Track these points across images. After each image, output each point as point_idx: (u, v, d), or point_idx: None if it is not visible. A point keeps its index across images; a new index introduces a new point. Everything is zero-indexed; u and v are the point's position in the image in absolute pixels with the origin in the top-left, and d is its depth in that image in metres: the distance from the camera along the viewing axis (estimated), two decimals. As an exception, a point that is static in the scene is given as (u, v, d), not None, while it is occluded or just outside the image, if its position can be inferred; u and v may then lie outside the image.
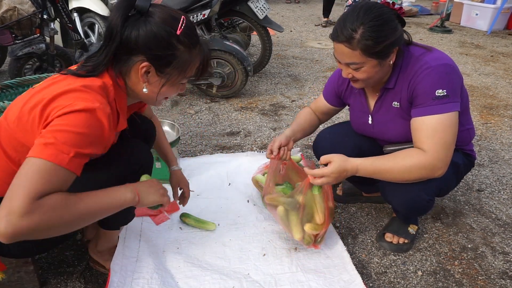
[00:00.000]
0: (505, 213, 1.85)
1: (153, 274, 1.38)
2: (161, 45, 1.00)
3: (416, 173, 1.27)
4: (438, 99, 1.24)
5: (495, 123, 2.80)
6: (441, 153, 1.24)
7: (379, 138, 1.54)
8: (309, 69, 3.87)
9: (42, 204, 0.83)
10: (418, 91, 1.28)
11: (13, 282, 1.28)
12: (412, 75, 1.30)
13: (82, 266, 1.47)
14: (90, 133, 0.92)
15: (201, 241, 1.58)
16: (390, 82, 1.37)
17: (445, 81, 1.25)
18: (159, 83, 1.07)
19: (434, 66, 1.26)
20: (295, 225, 1.46)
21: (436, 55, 1.31)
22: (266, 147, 2.39)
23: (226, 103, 3.00)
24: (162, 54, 1.01)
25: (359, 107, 1.56)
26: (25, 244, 1.08)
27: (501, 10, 5.38)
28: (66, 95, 0.94)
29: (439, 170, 1.26)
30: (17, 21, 2.64)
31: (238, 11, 3.08)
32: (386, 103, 1.43)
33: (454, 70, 1.29)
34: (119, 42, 0.99)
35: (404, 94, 1.35)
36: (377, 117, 1.48)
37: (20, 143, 0.98)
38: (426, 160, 1.25)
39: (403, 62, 1.34)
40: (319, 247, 1.50)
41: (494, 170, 2.20)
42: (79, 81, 0.99)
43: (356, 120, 1.60)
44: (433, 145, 1.24)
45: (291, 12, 6.70)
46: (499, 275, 1.50)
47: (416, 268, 1.52)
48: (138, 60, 1.02)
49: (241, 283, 1.38)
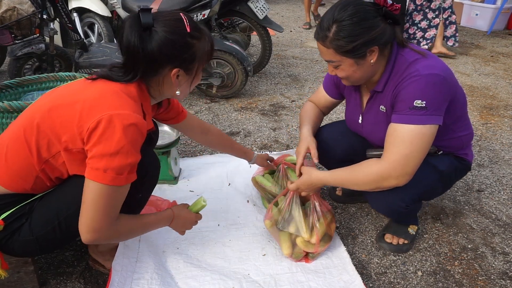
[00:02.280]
0: (505, 213, 1.84)
1: (153, 275, 1.38)
2: (183, 49, 1.07)
3: (373, 182, 1.28)
4: (414, 109, 1.21)
5: (495, 123, 2.80)
6: (398, 163, 1.22)
7: (368, 139, 1.53)
8: (309, 69, 3.87)
9: (113, 228, 1.06)
10: (399, 97, 1.26)
11: (12, 283, 1.28)
12: (400, 80, 1.26)
13: (81, 266, 1.47)
14: (137, 145, 1.04)
15: (201, 241, 1.58)
16: (379, 84, 1.34)
17: (429, 92, 1.21)
18: (189, 81, 1.17)
19: (423, 74, 1.21)
20: (285, 241, 1.47)
21: (430, 63, 1.25)
22: (266, 147, 2.39)
23: (226, 103, 3.00)
24: (186, 55, 1.09)
25: (353, 103, 1.54)
26: (29, 246, 1.10)
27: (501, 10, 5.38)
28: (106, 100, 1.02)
29: (394, 180, 1.25)
30: (17, 21, 2.63)
31: (238, 11, 3.08)
32: (375, 106, 1.41)
33: (444, 81, 1.23)
34: (143, 60, 1.05)
35: (389, 99, 1.32)
36: (367, 118, 1.47)
37: (56, 135, 1.04)
38: (380, 169, 1.25)
39: (394, 66, 1.30)
40: (311, 261, 1.49)
41: (494, 171, 2.20)
42: (114, 86, 1.07)
43: (349, 116, 1.59)
44: (393, 154, 1.23)
45: (291, 12, 6.70)
46: (499, 275, 1.49)
47: (416, 268, 1.52)
48: (166, 69, 1.09)
49: (241, 283, 1.38)
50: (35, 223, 1.11)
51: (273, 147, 2.39)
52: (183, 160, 2.17)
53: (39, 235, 1.11)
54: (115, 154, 0.98)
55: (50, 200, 1.13)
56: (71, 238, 1.19)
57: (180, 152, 2.30)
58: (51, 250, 1.26)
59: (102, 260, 1.44)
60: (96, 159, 0.99)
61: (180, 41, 1.06)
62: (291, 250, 1.47)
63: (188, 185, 1.95)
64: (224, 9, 3.01)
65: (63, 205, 1.12)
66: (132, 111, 1.02)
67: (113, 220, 1.06)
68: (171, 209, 1.29)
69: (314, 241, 1.42)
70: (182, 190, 1.91)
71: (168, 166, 1.89)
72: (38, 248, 1.15)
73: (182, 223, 1.32)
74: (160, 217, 1.25)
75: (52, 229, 1.11)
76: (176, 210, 1.30)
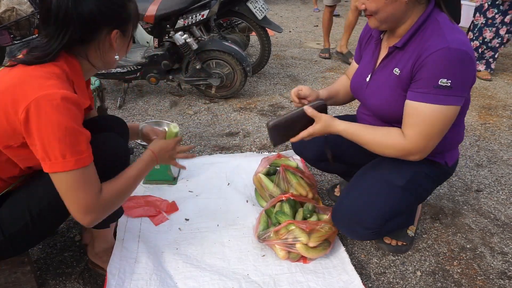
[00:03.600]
0: (504, 213, 1.85)
1: (152, 275, 1.38)
2: (120, 8, 1.04)
3: (390, 152, 1.29)
4: (439, 89, 1.16)
5: (494, 123, 2.80)
6: (420, 143, 1.23)
7: (367, 102, 1.44)
8: (308, 69, 3.87)
9: (103, 199, 1.04)
10: (423, 72, 1.19)
11: (10, 283, 1.27)
12: (427, 47, 1.18)
13: (80, 267, 1.47)
14: (78, 119, 0.98)
15: (200, 241, 1.58)
16: (402, 39, 1.27)
17: (456, 70, 1.15)
18: (125, 44, 1.13)
19: (452, 48, 1.14)
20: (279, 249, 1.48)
21: (461, 37, 1.17)
22: (265, 147, 2.39)
23: (225, 104, 3.00)
24: (124, 15, 1.06)
25: (367, 61, 1.46)
26: (27, 232, 1.08)
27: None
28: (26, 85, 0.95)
29: (414, 155, 1.27)
30: (16, 22, 2.63)
31: (237, 12, 3.08)
32: (389, 66, 1.33)
33: (471, 61, 1.16)
34: (78, 25, 0.99)
35: (409, 63, 1.24)
36: (376, 77, 1.39)
37: None
38: (402, 145, 1.25)
39: (424, 24, 1.23)
40: (309, 262, 1.49)
41: (493, 171, 2.20)
42: (33, 69, 0.98)
43: (356, 78, 1.50)
44: (415, 134, 1.22)
45: (290, 13, 6.70)
46: (498, 275, 1.50)
47: (415, 268, 1.52)
48: (104, 32, 1.04)
49: (240, 283, 1.37)
50: (4, 221, 1.07)
51: (272, 148, 2.39)
52: (182, 160, 2.17)
53: (10, 233, 1.07)
54: (63, 138, 0.93)
55: (19, 197, 1.10)
56: (46, 233, 1.16)
57: (179, 152, 2.30)
58: (25, 249, 1.20)
59: (100, 262, 1.43)
60: (48, 149, 0.93)
61: (117, 0, 1.04)
62: (287, 254, 1.48)
63: (187, 185, 1.95)
64: (223, 10, 3.01)
65: (34, 200, 1.08)
66: (57, 88, 0.94)
67: (98, 194, 1.03)
68: (147, 148, 1.27)
69: (312, 245, 1.43)
70: (181, 191, 1.91)
71: (167, 166, 1.90)
72: (10, 248, 1.11)
73: (166, 153, 1.31)
74: (142, 162, 1.21)
75: (25, 226, 1.08)
76: (152, 146, 1.29)
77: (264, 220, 1.58)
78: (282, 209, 1.57)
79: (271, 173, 1.84)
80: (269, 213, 1.61)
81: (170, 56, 2.83)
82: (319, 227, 1.44)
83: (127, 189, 1.14)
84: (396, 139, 1.26)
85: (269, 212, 1.61)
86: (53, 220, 1.15)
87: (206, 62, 2.86)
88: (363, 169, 1.48)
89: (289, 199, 1.61)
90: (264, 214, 1.61)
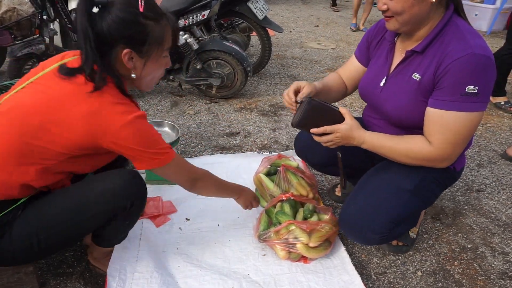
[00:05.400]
0: (505, 213, 1.85)
1: (153, 274, 1.38)
2: (131, 27, 1.05)
3: (417, 161, 1.27)
4: (466, 96, 1.14)
5: (495, 123, 2.80)
6: (448, 150, 1.21)
7: (381, 107, 1.39)
8: (308, 69, 3.88)
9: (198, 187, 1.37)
10: (448, 79, 1.16)
11: (12, 283, 1.27)
12: (449, 52, 1.16)
13: (81, 267, 1.47)
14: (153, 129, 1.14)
15: (201, 241, 1.58)
16: (421, 44, 1.24)
17: (481, 77, 1.13)
18: (143, 64, 1.13)
19: (477, 54, 1.12)
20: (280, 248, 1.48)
21: (481, 42, 1.15)
22: (265, 147, 2.39)
23: (225, 104, 3.00)
24: (135, 34, 1.06)
25: (380, 63, 1.41)
26: (4, 255, 1.11)
27: (501, 10, 5.39)
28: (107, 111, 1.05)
29: (442, 163, 1.26)
30: (17, 22, 2.63)
31: (237, 12, 3.08)
32: (406, 71, 1.29)
33: (494, 66, 1.15)
34: (95, 39, 1.03)
35: (430, 69, 1.21)
36: (392, 81, 1.34)
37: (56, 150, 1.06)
38: (429, 153, 1.23)
39: (444, 29, 1.21)
40: (309, 262, 1.49)
41: (494, 171, 2.20)
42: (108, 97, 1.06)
43: (368, 80, 1.44)
44: (441, 141, 1.20)
45: (291, 13, 6.70)
46: (498, 275, 1.50)
47: (415, 268, 1.52)
48: (118, 49, 1.07)
49: (240, 283, 1.38)
50: (16, 235, 1.11)
51: (272, 148, 2.39)
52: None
53: (16, 247, 1.11)
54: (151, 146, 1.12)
55: (32, 216, 1.12)
56: (46, 256, 1.21)
57: (180, 152, 2.30)
58: (21, 263, 1.24)
59: (100, 265, 1.44)
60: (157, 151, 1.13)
61: (129, 19, 1.04)
62: (288, 254, 1.48)
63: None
64: (224, 10, 3.01)
65: (43, 224, 1.12)
66: (129, 107, 1.08)
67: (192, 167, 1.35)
68: (245, 188, 1.58)
69: (313, 245, 1.43)
70: (182, 191, 1.89)
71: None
72: (11, 258, 1.15)
73: (247, 200, 1.57)
74: (234, 186, 1.53)
75: (30, 245, 1.12)
76: (249, 191, 1.58)
77: (265, 220, 1.58)
78: (283, 209, 1.57)
79: (272, 173, 1.84)
80: (269, 213, 1.61)
81: (171, 56, 2.82)
82: (319, 227, 1.44)
83: (215, 188, 1.43)
84: (423, 147, 1.24)
85: (269, 212, 1.61)
86: (57, 247, 1.21)
87: (206, 62, 2.86)
88: (369, 173, 1.45)
89: (289, 199, 1.61)
90: (264, 214, 1.61)
